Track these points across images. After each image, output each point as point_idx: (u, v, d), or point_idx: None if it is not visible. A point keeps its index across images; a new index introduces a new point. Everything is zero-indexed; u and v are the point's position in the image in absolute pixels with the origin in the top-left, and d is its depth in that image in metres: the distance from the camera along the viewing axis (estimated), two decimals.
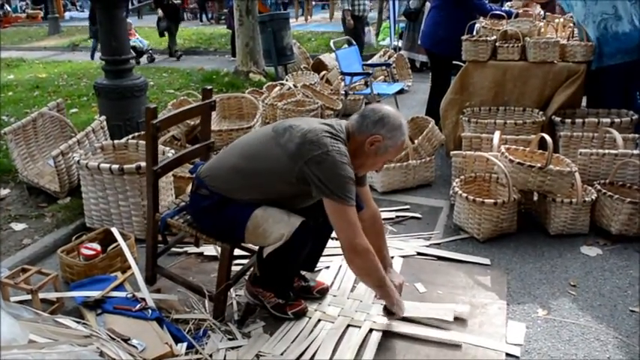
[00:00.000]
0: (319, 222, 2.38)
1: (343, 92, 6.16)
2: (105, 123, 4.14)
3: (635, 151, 3.56)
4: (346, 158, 2.21)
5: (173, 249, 3.10)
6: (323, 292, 2.74)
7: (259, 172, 2.30)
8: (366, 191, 2.61)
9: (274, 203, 2.33)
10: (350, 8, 8.62)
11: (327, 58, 7.73)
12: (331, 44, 6.72)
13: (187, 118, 3.71)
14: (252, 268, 2.66)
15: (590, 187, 3.41)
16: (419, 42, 7.14)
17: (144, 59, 10.84)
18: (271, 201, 2.33)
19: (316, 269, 2.91)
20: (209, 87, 2.92)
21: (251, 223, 2.30)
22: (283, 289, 2.59)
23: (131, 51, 4.51)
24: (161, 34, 12.12)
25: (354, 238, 2.23)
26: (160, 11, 11.61)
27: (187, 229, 2.54)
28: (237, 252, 2.56)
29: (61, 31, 16.71)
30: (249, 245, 2.73)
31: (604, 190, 3.33)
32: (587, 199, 3.28)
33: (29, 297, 2.58)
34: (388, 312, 2.52)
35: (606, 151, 3.59)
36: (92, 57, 11.33)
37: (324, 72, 7.09)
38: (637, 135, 3.84)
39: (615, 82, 4.09)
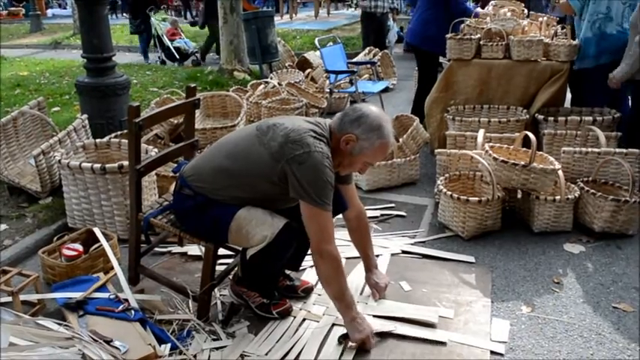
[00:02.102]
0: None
1: (328, 90, 6.16)
2: (87, 122, 4.08)
3: (618, 149, 3.59)
4: (328, 160, 2.19)
5: (156, 249, 3.07)
6: (308, 291, 2.73)
7: (242, 172, 2.28)
8: (351, 189, 2.60)
9: (258, 204, 2.31)
10: (369, 4, 8.16)
11: (312, 56, 7.72)
12: (316, 42, 6.70)
13: (171, 116, 3.67)
14: (236, 268, 2.64)
15: (573, 185, 3.44)
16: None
17: (188, 62, 10.12)
18: (255, 201, 2.31)
19: (301, 268, 2.90)
20: (192, 85, 2.89)
21: (234, 224, 2.28)
22: (268, 289, 2.57)
23: (175, 53, 4.31)
24: (202, 27, 10.91)
25: (322, 243, 2.21)
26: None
27: (171, 229, 2.51)
28: (221, 251, 2.54)
29: (43, 29, 16.48)
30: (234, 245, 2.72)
31: (587, 188, 3.35)
32: (570, 196, 3.30)
33: (10, 299, 2.53)
34: (345, 337, 2.36)
35: (589, 149, 3.62)
36: (146, 56, 10.71)
37: (308, 70, 7.08)
38: (619, 133, 3.88)
39: (597, 81, 4.12)
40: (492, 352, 2.34)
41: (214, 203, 2.33)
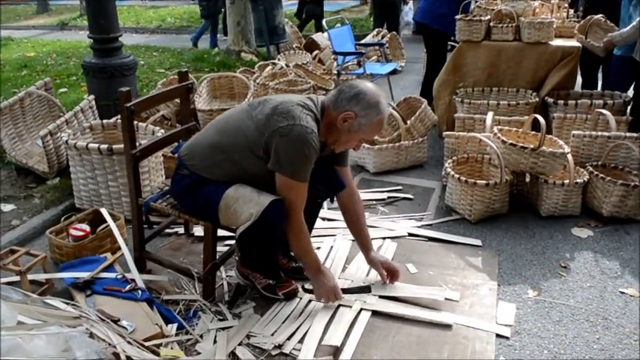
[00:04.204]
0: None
1: (336, 72, 6.11)
2: (94, 102, 4.08)
3: (628, 134, 3.55)
4: (312, 136, 2.17)
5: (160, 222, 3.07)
6: None
7: (231, 146, 2.29)
8: (346, 172, 2.59)
9: (248, 182, 2.31)
10: None
11: (320, 38, 7.65)
12: (324, 23, 6.64)
13: (165, 101, 3.68)
14: None
15: (582, 169, 3.41)
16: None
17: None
18: (244, 180, 2.31)
19: None
20: (184, 70, 2.87)
21: (223, 203, 2.28)
22: (268, 269, 2.57)
23: None
24: (299, 18, 10.50)
25: (291, 211, 2.26)
26: None
27: (170, 212, 2.52)
28: (228, 233, 2.53)
29: (50, 10, 16.45)
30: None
31: (596, 172, 3.32)
32: (579, 180, 3.28)
33: (18, 278, 2.55)
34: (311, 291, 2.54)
35: (599, 133, 3.59)
36: (196, 45, 9.77)
37: (316, 52, 7.02)
38: (630, 117, 3.83)
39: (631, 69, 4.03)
40: (498, 335, 2.34)
41: (206, 182, 2.34)
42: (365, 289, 2.60)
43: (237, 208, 2.25)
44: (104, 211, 2.96)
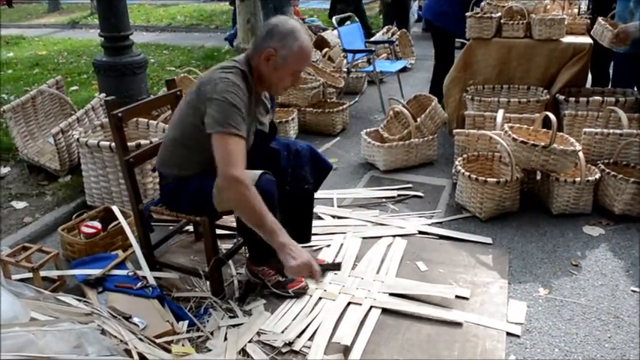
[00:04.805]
0: (293, 186, 2.43)
1: (346, 70, 6.10)
2: (105, 100, 4.09)
3: None
4: (235, 87, 2.17)
5: (171, 227, 3.07)
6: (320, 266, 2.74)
7: (185, 136, 2.33)
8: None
9: None
10: None
11: (330, 35, 7.63)
12: (333, 21, 6.63)
13: (154, 108, 3.70)
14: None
15: (593, 167, 3.39)
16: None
17: None
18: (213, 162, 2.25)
19: (317, 247, 2.92)
20: (171, 79, 2.90)
21: (215, 188, 2.27)
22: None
23: None
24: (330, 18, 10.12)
25: (227, 166, 2.07)
26: None
27: (169, 214, 2.54)
28: (231, 232, 2.54)
29: (61, 8, 16.54)
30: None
31: (608, 170, 3.30)
32: (590, 178, 3.25)
33: (30, 275, 2.58)
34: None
35: (611, 130, 3.56)
36: (232, 44, 9.24)
37: (326, 49, 7.01)
38: None
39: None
40: (509, 334, 2.33)
41: (189, 178, 2.37)
42: (336, 267, 2.66)
43: None
44: (115, 209, 2.98)
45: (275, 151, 2.48)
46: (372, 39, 7.09)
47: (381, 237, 3.07)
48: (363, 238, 3.05)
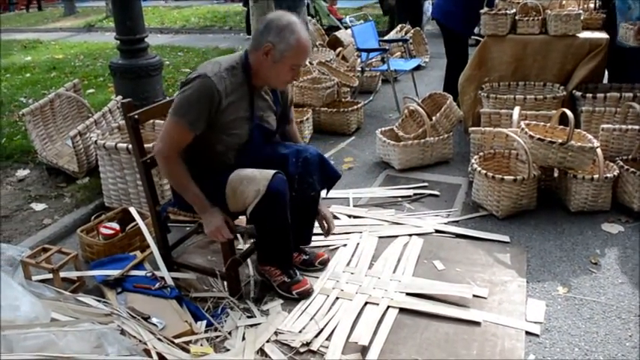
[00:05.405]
0: (299, 193, 2.44)
1: (360, 69, 6.09)
2: (121, 103, 4.13)
3: None
4: (207, 79, 2.23)
5: (188, 227, 3.10)
6: (324, 262, 2.78)
7: None
8: (292, 130, 2.76)
9: (226, 160, 2.39)
10: None
11: (343, 35, 7.63)
12: (347, 20, 6.62)
13: (168, 109, 3.70)
14: None
15: (612, 164, 3.35)
16: None
17: None
18: (220, 159, 2.40)
19: (333, 247, 2.92)
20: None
21: (229, 189, 2.33)
22: (285, 258, 2.57)
23: None
24: (385, 13, 10.39)
25: (160, 143, 2.33)
26: None
27: (185, 215, 2.55)
28: None
29: (77, 12, 16.72)
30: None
31: (626, 167, 3.26)
32: (608, 175, 3.22)
33: (50, 276, 2.61)
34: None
35: (629, 126, 3.52)
36: None
37: (339, 48, 7.00)
38: None
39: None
40: (528, 333, 2.31)
41: (202, 179, 2.39)
42: (253, 235, 2.63)
43: (243, 189, 2.30)
44: (133, 210, 3.01)
45: (284, 156, 2.49)
46: (386, 37, 7.06)
47: (397, 236, 3.06)
48: (380, 237, 3.04)
